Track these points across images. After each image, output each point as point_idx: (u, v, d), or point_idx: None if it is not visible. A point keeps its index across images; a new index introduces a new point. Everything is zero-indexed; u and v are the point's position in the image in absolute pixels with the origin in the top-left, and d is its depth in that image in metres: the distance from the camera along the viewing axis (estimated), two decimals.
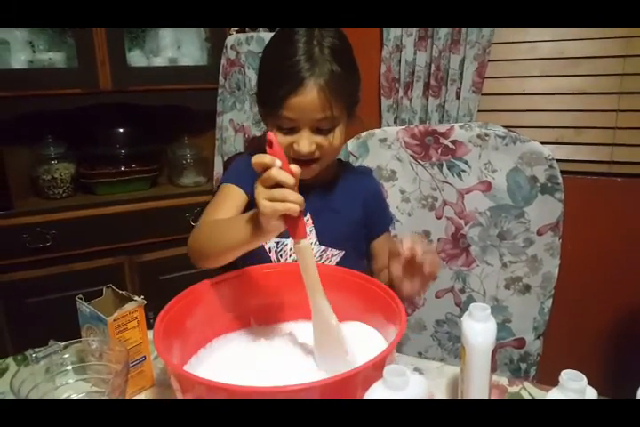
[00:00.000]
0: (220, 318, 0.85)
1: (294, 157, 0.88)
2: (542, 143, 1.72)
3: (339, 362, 0.72)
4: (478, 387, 0.68)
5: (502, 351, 1.16)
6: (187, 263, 0.88)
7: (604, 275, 1.75)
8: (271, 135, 0.69)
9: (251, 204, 0.94)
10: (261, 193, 0.67)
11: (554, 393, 0.59)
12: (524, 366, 1.14)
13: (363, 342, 0.79)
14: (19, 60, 1.71)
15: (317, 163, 0.91)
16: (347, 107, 0.89)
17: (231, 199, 0.95)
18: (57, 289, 1.74)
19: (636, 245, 1.69)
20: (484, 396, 0.69)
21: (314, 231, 0.99)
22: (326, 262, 0.99)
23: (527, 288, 1.11)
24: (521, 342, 1.14)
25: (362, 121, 0.98)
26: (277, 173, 0.66)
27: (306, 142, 0.86)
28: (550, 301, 1.11)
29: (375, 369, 0.59)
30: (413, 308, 1.25)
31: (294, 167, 0.68)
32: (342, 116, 0.89)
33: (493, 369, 0.70)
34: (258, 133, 1.84)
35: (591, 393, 0.58)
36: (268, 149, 0.68)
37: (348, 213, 1.00)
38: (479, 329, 0.67)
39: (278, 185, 0.66)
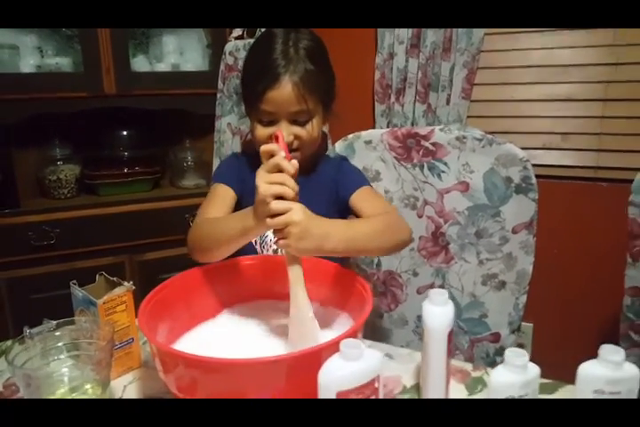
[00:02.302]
0: (204, 304, 0.91)
1: None
2: (530, 149, 1.79)
3: None
4: (436, 368, 0.73)
5: (479, 345, 1.21)
6: (186, 263, 0.95)
7: (589, 276, 1.80)
8: (279, 132, 0.85)
9: (238, 200, 1.04)
10: (262, 177, 0.76)
11: (498, 370, 0.64)
12: (499, 359, 1.19)
13: (338, 327, 0.85)
14: (27, 64, 1.79)
15: (297, 152, 0.99)
16: (322, 101, 0.99)
17: (221, 197, 1.03)
18: (59, 286, 1.79)
19: (621, 248, 1.73)
20: (442, 377, 0.74)
21: None
22: None
23: (503, 284, 1.16)
24: (496, 337, 1.18)
25: (339, 116, 1.07)
26: (281, 160, 0.76)
27: (284, 133, 0.94)
28: (525, 297, 1.15)
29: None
30: (396, 303, 1.30)
31: (294, 162, 0.78)
32: (318, 110, 0.98)
33: (450, 352, 0.75)
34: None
35: (533, 369, 0.64)
36: (274, 142, 0.82)
37: (322, 201, 1.04)
38: (437, 312, 0.72)
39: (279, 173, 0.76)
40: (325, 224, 0.80)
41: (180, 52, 2.00)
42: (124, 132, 2.09)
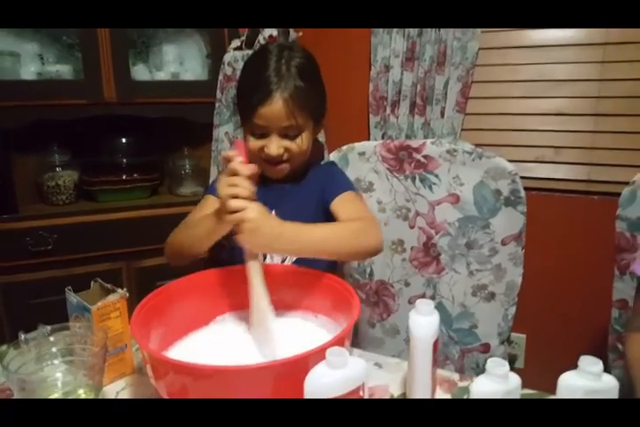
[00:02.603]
0: (197, 311, 0.93)
1: (266, 159, 1.03)
2: (523, 162, 1.82)
3: (263, 342, 0.85)
4: (421, 377, 0.75)
5: (469, 356, 1.23)
6: (183, 270, 0.98)
7: (580, 288, 1.82)
8: (238, 140, 0.89)
9: None
10: (222, 180, 0.84)
11: (480, 380, 0.66)
12: None
13: (325, 334, 0.87)
14: (28, 71, 1.81)
15: (287, 163, 1.04)
16: (312, 116, 1.02)
17: (209, 207, 1.06)
18: (57, 292, 1.80)
19: (612, 261, 1.76)
20: (428, 385, 0.76)
21: None
22: (288, 258, 1.07)
23: (492, 296, 1.18)
24: (486, 347, 1.20)
25: (324, 131, 1.10)
26: (236, 164, 0.84)
27: (274, 146, 1.00)
28: (514, 308, 1.17)
29: None
30: (388, 313, 1.32)
31: (252, 165, 0.85)
32: (307, 125, 1.02)
33: (436, 361, 0.77)
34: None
35: (514, 379, 0.66)
36: (234, 149, 0.87)
37: (310, 207, 1.08)
38: (423, 322, 0.74)
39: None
40: (279, 224, 0.85)
41: (179, 61, 2.03)
42: (124, 140, 2.11)
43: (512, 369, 0.65)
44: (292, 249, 0.88)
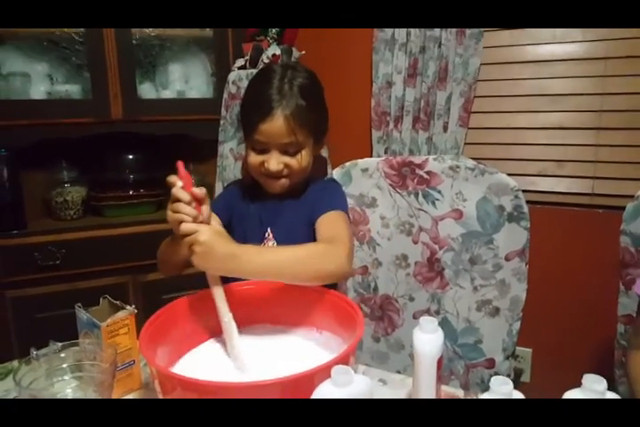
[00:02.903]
0: (203, 327, 0.94)
1: (266, 174, 1.05)
2: (526, 175, 1.83)
3: (234, 357, 0.87)
4: (426, 393, 0.76)
5: (474, 371, 1.23)
6: (188, 283, 1.00)
7: (587, 302, 1.82)
8: (179, 164, 0.87)
9: (229, 224, 1.13)
10: (168, 206, 0.86)
11: (484, 397, 0.66)
12: None
13: (331, 351, 0.88)
14: (38, 91, 1.86)
15: (286, 179, 1.06)
16: (312, 134, 1.05)
17: None
18: (64, 306, 1.82)
19: (617, 275, 1.76)
20: None
21: (275, 244, 1.11)
22: None
23: (497, 311, 1.18)
24: (491, 363, 1.20)
25: (327, 147, 1.12)
26: (175, 190, 0.85)
27: (274, 162, 1.03)
28: (519, 323, 1.17)
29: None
30: (393, 328, 1.33)
31: (196, 189, 0.85)
32: (308, 142, 1.05)
33: (440, 378, 0.77)
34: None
35: (518, 397, 0.66)
36: (178, 173, 0.86)
37: (304, 223, 1.08)
38: (427, 339, 0.75)
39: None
40: (233, 246, 0.86)
41: (185, 79, 2.07)
42: (130, 156, 2.14)
43: (518, 383, 0.66)
44: (247, 270, 0.87)
